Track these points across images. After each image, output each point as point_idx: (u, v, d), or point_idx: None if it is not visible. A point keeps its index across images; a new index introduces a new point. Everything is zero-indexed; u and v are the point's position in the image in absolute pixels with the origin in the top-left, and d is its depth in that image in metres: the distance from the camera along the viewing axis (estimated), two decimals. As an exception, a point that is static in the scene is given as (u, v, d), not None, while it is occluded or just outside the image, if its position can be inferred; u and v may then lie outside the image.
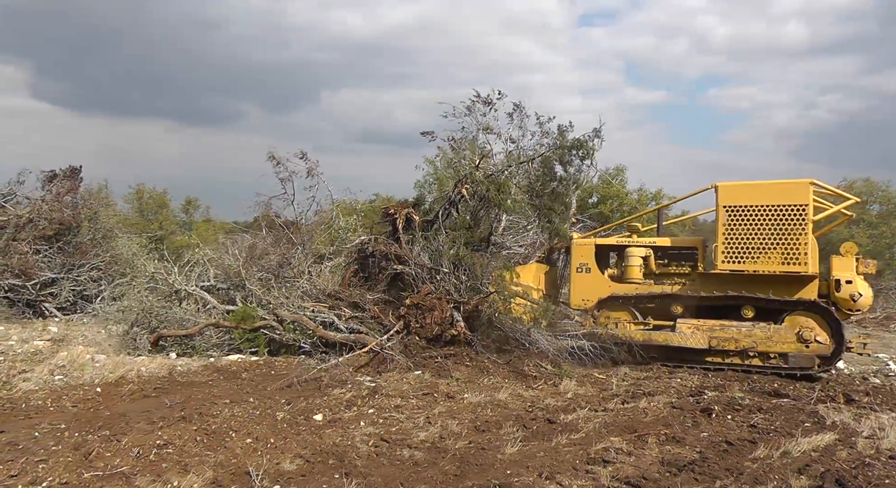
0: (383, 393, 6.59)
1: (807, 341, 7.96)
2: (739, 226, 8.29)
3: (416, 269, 9.21)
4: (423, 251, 9.55)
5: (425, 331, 8.22)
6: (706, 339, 8.31)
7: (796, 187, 8.16)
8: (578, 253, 9.62)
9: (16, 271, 11.90)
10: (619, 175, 23.54)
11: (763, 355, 8.20)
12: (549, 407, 6.38)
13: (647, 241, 9.38)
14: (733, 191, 8.42)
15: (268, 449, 4.93)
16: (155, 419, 5.60)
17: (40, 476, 4.37)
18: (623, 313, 9.12)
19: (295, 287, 9.40)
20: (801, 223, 8.02)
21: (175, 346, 8.46)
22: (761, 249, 8.17)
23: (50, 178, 13.91)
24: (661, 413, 6.20)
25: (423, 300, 8.41)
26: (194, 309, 9.09)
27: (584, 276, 9.47)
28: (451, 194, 10.39)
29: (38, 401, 6.21)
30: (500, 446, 5.12)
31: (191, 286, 9.19)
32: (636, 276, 9.08)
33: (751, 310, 8.34)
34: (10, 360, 7.84)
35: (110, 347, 8.52)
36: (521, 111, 12.14)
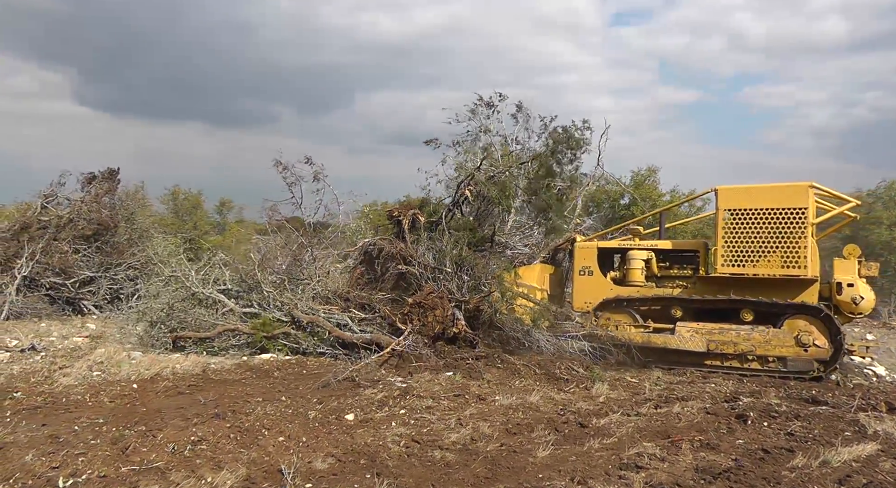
0: (414, 393, 6.58)
1: (805, 345, 7.93)
2: (739, 230, 8.30)
3: (420, 269, 9.33)
4: (427, 251, 9.69)
5: (427, 330, 8.35)
6: (704, 343, 8.38)
7: (796, 190, 8.13)
8: (581, 256, 9.70)
9: (56, 270, 12.21)
10: (651, 176, 23.29)
11: (761, 359, 8.23)
12: (580, 410, 6.30)
13: (649, 244, 9.43)
14: (733, 194, 8.44)
15: (300, 448, 4.96)
16: (189, 416, 5.68)
17: (80, 468, 4.46)
18: (624, 315, 9.14)
19: (306, 289, 9.54)
20: (800, 226, 8.01)
21: (195, 346, 8.57)
22: (761, 253, 8.17)
23: (89, 180, 14.23)
24: (695, 418, 6.07)
25: (426, 299, 8.51)
26: (213, 310, 9.20)
27: (586, 279, 9.54)
28: (455, 195, 10.60)
29: (77, 396, 6.35)
30: (531, 449, 5.07)
31: (208, 289, 9.30)
32: (638, 279, 9.19)
33: (750, 314, 8.32)
34: (51, 356, 8.04)
35: (131, 345, 8.67)
36: (525, 112, 12.30)
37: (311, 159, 11.56)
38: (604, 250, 9.71)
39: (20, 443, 4.95)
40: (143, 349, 8.47)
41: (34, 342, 8.59)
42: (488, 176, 10.67)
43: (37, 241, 12.32)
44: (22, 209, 13.85)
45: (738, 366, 8.27)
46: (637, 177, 23.34)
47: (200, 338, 8.53)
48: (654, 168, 23.82)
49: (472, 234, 10.35)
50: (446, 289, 8.92)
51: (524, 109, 12.42)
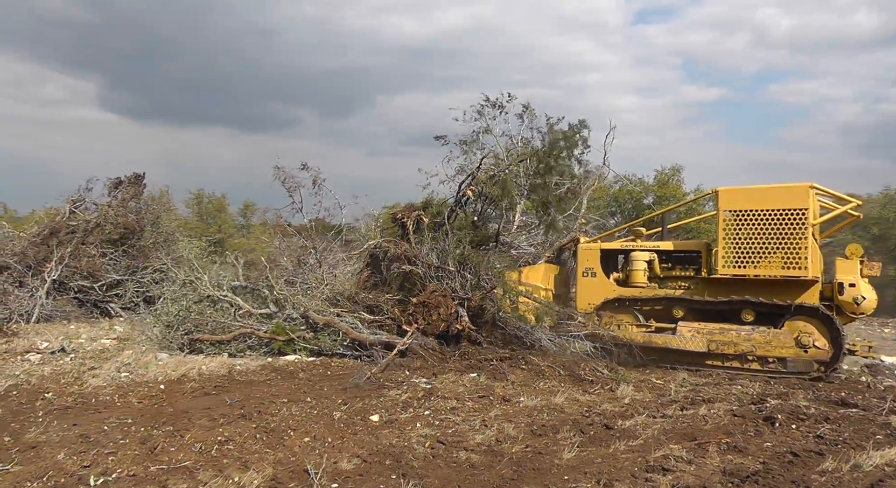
0: (439, 395, 6.58)
1: (805, 346, 7.91)
2: (740, 231, 8.30)
3: (424, 269, 9.41)
4: (431, 251, 9.75)
5: (432, 328, 8.46)
6: (705, 343, 8.32)
7: (796, 191, 8.12)
8: (584, 257, 9.74)
9: (84, 273, 12.40)
10: (674, 175, 23.12)
11: (762, 359, 8.14)
12: (606, 412, 6.25)
13: (651, 246, 9.42)
14: (733, 195, 8.46)
15: (325, 448, 4.98)
16: (216, 416, 5.74)
17: (110, 467, 4.52)
18: (626, 315, 9.15)
19: (314, 292, 9.66)
20: (800, 227, 7.99)
21: (212, 348, 8.62)
22: (762, 254, 8.16)
23: (115, 185, 14.45)
24: (722, 420, 5.97)
25: (429, 298, 8.65)
26: (229, 312, 9.28)
27: (589, 281, 9.59)
28: (457, 195, 10.70)
29: (106, 397, 6.45)
30: (557, 451, 5.03)
31: (222, 291, 9.37)
32: (640, 280, 9.15)
33: (750, 314, 8.32)
34: (81, 358, 8.16)
35: (156, 347, 8.75)
36: (532, 113, 12.34)
37: (306, 165, 12.09)
38: (607, 251, 9.74)
39: (52, 442, 5.05)
40: (164, 351, 8.55)
41: (64, 344, 8.73)
42: (489, 175, 10.73)
43: (65, 246, 12.53)
44: (51, 214, 14.07)
45: (739, 367, 8.26)
46: (661, 177, 23.19)
47: (217, 341, 8.60)
48: (678, 167, 23.68)
49: (474, 233, 10.43)
50: (450, 288, 9.00)
51: (530, 110, 12.51)
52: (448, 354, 8.24)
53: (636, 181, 23.89)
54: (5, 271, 11.80)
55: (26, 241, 12.95)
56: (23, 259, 12.26)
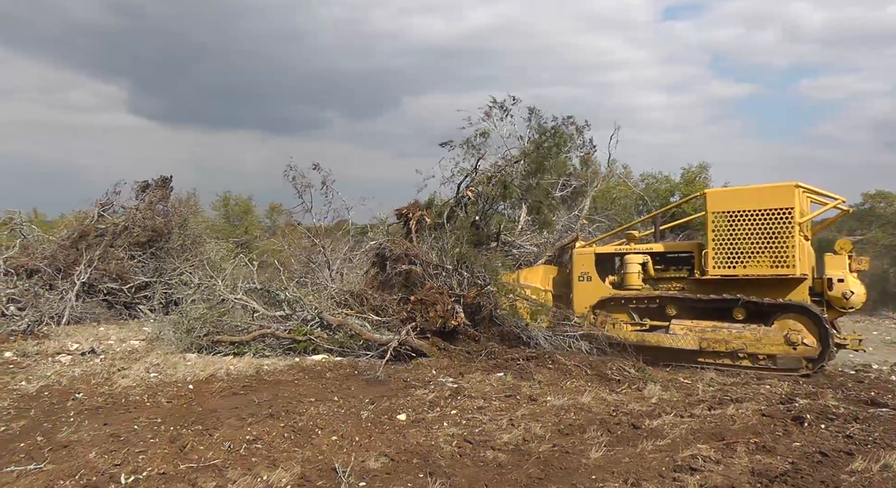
0: (466, 394, 6.55)
1: (794, 343, 8.02)
2: (728, 232, 8.44)
3: (423, 268, 9.63)
4: (431, 250, 9.98)
5: (429, 325, 8.64)
6: (697, 341, 8.45)
7: (781, 191, 8.25)
8: (579, 262, 9.95)
9: (113, 275, 12.57)
10: (701, 172, 22.88)
11: (752, 356, 8.25)
12: (633, 411, 6.17)
13: (645, 248, 9.57)
14: (721, 197, 8.68)
15: (353, 447, 4.98)
16: (244, 415, 5.77)
17: (140, 466, 4.57)
18: (622, 314, 9.32)
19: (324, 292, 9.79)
20: (787, 226, 8.12)
21: (232, 348, 8.69)
22: (750, 253, 8.30)
23: (143, 188, 14.63)
24: (750, 420, 5.87)
25: (427, 295, 8.85)
26: (247, 314, 9.35)
27: (585, 285, 9.79)
28: (457, 196, 11.04)
29: (136, 397, 6.52)
30: (584, 450, 4.98)
31: (237, 295, 9.46)
32: (635, 283, 9.30)
33: (741, 313, 8.41)
34: (110, 358, 8.27)
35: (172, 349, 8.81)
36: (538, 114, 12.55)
37: (318, 165, 12.52)
38: (601, 255, 9.90)
39: (84, 442, 5.11)
40: (188, 352, 8.63)
41: (94, 345, 8.85)
42: (486, 177, 11.03)
43: (94, 249, 12.70)
44: (80, 218, 14.25)
45: (730, 364, 8.36)
46: (687, 174, 22.97)
47: (235, 342, 8.67)
48: (705, 164, 23.43)
49: (475, 233, 10.66)
50: (447, 286, 9.19)
51: (536, 112, 12.76)
52: (474, 354, 8.24)
53: (662, 178, 23.70)
54: (36, 274, 11.99)
55: (56, 245, 13.16)
56: (53, 262, 12.45)
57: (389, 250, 10.11)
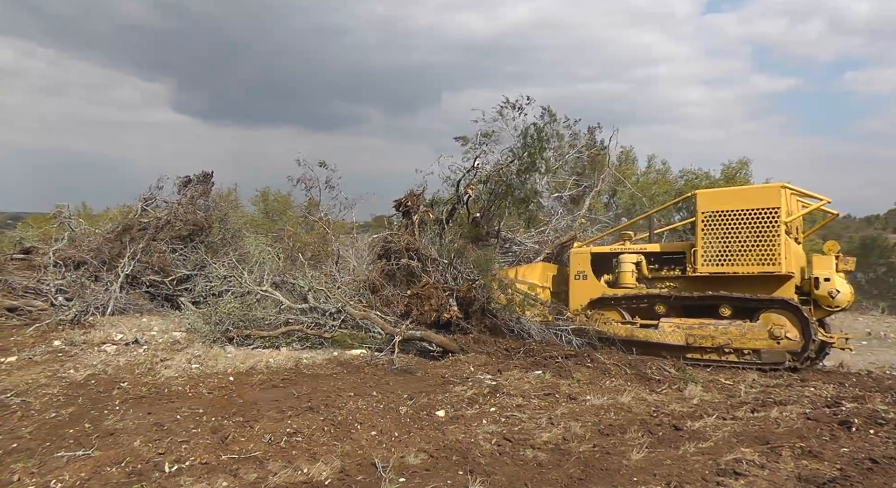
0: (504, 391, 6.51)
1: (777, 338, 8.29)
2: (717, 231, 8.77)
3: (421, 262, 9.91)
4: (431, 245, 10.24)
5: (424, 318, 8.93)
6: (684, 337, 8.73)
7: (768, 191, 8.60)
8: (575, 261, 10.34)
9: (155, 268, 12.78)
10: (742, 169, 22.44)
11: (738, 351, 8.50)
12: (674, 412, 6.05)
13: (638, 248, 9.93)
14: (710, 197, 8.98)
15: (392, 443, 4.98)
16: (284, 408, 5.82)
17: (183, 455, 4.64)
18: (613, 313, 9.65)
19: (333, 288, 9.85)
20: (774, 225, 8.42)
21: (259, 341, 8.78)
22: (738, 252, 8.61)
23: (185, 183, 14.83)
24: (795, 424, 5.70)
25: (422, 290, 9.16)
26: (272, 306, 9.41)
27: (581, 283, 10.17)
28: (457, 193, 11.38)
29: (178, 387, 6.62)
30: (625, 451, 4.89)
31: (263, 287, 9.52)
32: (629, 282, 9.64)
33: (728, 309, 8.71)
34: (153, 349, 8.40)
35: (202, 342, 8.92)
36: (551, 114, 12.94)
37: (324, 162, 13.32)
38: (597, 255, 10.24)
39: (129, 430, 5.21)
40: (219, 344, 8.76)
41: (137, 336, 9.01)
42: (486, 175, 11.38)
43: (137, 242, 12.91)
44: (124, 212, 14.49)
45: (717, 359, 8.57)
46: (728, 171, 22.53)
47: (262, 336, 8.75)
48: (746, 160, 22.96)
49: (475, 230, 11.07)
50: (442, 280, 9.46)
51: (550, 111, 12.94)
52: (512, 351, 8.22)
53: (702, 175, 23.27)
54: (83, 266, 12.25)
55: (101, 238, 13.41)
56: (98, 254, 12.71)
57: (392, 244, 10.38)
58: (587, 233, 13.68)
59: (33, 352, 8.02)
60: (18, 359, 7.68)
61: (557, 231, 13.64)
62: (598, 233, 13.68)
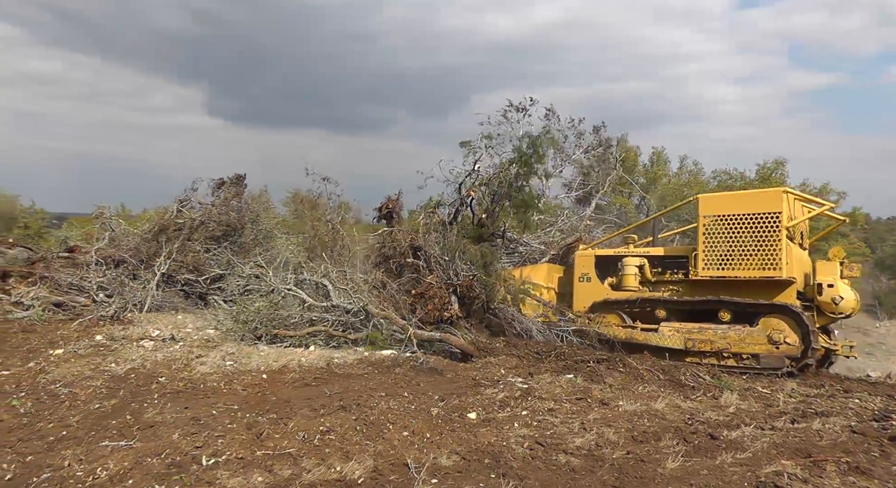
0: (536, 395, 6.48)
1: (777, 342, 8.26)
2: (718, 235, 8.78)
3: (425, 261, 10.09)
4: (435, 244, 10.42)
5: (427, 317, 9.06)
6: (682, 341, 8.74)
7: (769, 196, 8.58)
8: (580, 264, 10.45)
9: (190, 267, 13.03)
10: (777, 169, 22.05)
11: (737, 356, 8.48)
12: (710, 421, 5.94)
13: (643, 251, 10.04)
14: (712, 201, 9.02)
15: (424, 444, 4.99)
16: (316, 406, 5.87)
17: (219, 449, 4.71)
18: (614, 317, 9.65)
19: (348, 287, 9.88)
20: (775, 230, 8.39)
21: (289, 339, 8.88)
22: (739, 256, 8.61)
23: (219, 185, 15.09)
24: (839, 437, 5.52)
25: (426, 290, 9.30)
26: (296, 303, 9.52)
27: (585, 285, 10.27)
28: (461, 196, 11.66)
29: (213, 383, 6.72)
30: (659, 459, 4.83)
31: (287, 285, 9.62)
32: (632, 284, 9.71)
33: (727, 314, 8.70)
34: (189, 346, 8.55)
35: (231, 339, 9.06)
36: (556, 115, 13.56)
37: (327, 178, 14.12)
38: (601, 258, 10.33)
39: (167, 423, 5.32)
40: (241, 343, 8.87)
41: (173, 332, 9.19)
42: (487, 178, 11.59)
43: (173, 242, 13.17)
44: (160, 213, 14.77)
45: (716, 363, 8.52)
46: (762, 171, 22.16)
47: (289, 335, 8.85)
48: (782, 160, 22.57)
49: (480, 230, 11.24)
50: (444, 279, 9.66)
51: (554, 112, 13.59)
52: (543, 354, 8.23)
53: (736, 175, 22.93)
54: (122, 264, 12.55)
55: (139, 238, 13.74)
56: (136, 254, 13.01)
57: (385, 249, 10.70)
58: (593, 235, 13.77)
59: (77, 345, 8.23)
60: (65, 352, 7.89)
61: (563, 232, 13.85)
62: (606, 234, 14.01)
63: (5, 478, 4.20)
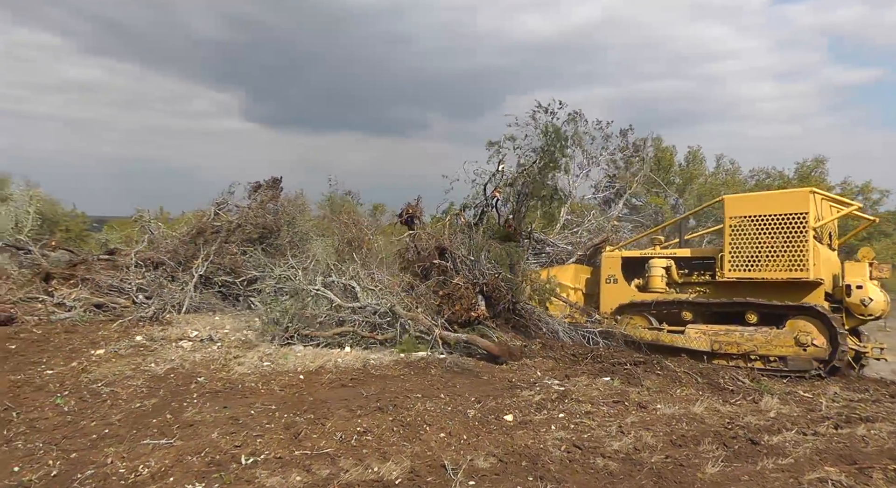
0: (573, 397, 6.42)
1: (804, 345, 8.17)
2: (744, 236, 8.71)
3: (451, 261, 10.19)
4: (461, 245, 10.48)
5: (455, 317, 9.10)
6: (709, 343, 8.69)
7: (796, 196, 8.53)
8: (606, 265, 10.43)
9: (227, 269, 13.24)
10: (817, 167, 21.62)
11: (763, 358, 8.41)
12: (750, 425, 5.81)
13: (669, 253, 9.95)
14: (738, 202, 8.97)
15: (461, 445, 4.97)
16: (353, 407, 5.90)
17: (258, 449, 4.77)
18: (641, 318, 9.62)
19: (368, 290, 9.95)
20: (801, 230, 8.30)
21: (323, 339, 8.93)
22: (765, 257, 8.54)
23: (255, 188, 15.32)
24: (886, 443, 5.35)
25: (453, 290, 9.35)
26: (322, 305, 9.55)
27: (612, 287, 10.26)
28: (486, 197, 11.82)
29: (251, 383, 6.81)
30: (699, 464, 4.74)
31: (316, 286, 9.68)
32: (658, 286, 9.66)
33: (754, 315, 8.64)
34: (226, 346, 8.68)
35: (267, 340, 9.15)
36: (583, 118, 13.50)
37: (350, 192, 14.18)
38: (627, 259, 10.30)
39: (206, 422, 5.40)
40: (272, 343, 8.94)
41: (211, 333, 9.34)
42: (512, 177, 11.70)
43: (211, 244, 13.40)
44: (198, 216, 15.01)
45: (744, 365, 8.46)
46: (802, 170, 21.74)
47: (320, 336, 8.93)
48: (822, 158, 22.14)
49: (500, 230, 11.34)
50: (471, 279, 9.67)
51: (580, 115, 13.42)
52: (580, 356, 8.17)
53: (775, 174, 22.53)
54: (161, 267, 12.81)
55: (178, 240, 14.00)
56: (175, 256, 13.27)
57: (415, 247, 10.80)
58: (620, 235, 13.73)
59: (118, 345, 8.42)
60: (106, 352, 8.08)
61: (590, 232, 13.86)
62: (634, 234, 14.05)
63: (51, 475, 4.31)
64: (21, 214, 15.68)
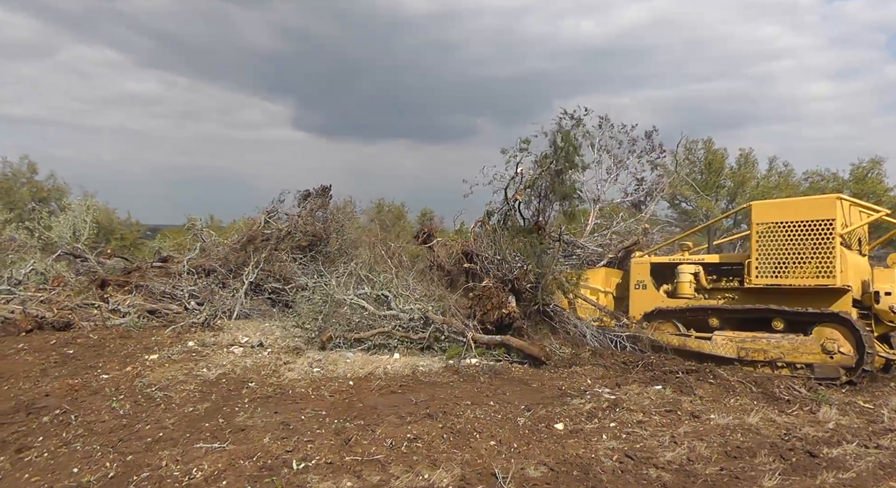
0: (624, 406, 6.30)
1: (830, 352, 8.03)
2: (771, 242, 8.66)
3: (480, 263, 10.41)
4: (488, 248, 10.64)
5: (487, 317, 9.19)
6: (735, 349, 8.57)
7: (823, 202, 8.47)
8: (636, 271, 10.43)
9: (277, 276, 13.48)
10: (874, 168, 20.88)
11: (790, 365, 8.29)
12: (807, 437, 5.61)
13: (698, 259, 9.92)
14: (765, 209, 8.91)
15: (511, 454, 4.94)
16: (403, 413, 5.92)
17: (309, 454, 4.82)
18: (670, 324, 9.55)
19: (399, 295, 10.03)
20: (828, 237, 8.23)
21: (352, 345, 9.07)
22: (792, 263, 8.48)
23: (304, 197, 15.54)
24: (955, 458, 5.14)
25: (484, 291, 9.49)
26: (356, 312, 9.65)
27: (641, 292, 10.23)
28: (509, 201, 12.04)
29: (301, 389, 6.89)
30: (755, 477, 4.60)
31: (349, 295, 9.76)
32: (687, 292, 9.65)
33: (780, 322, 8.54)
34: (276, 352, 8.83)
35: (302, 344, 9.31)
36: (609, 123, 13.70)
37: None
38: (656, 265, 10.28)
39: (258, 427, 5.49)
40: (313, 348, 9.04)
41: (261, 339, 9.52)
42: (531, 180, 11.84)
43: (261, 251, 13.64)
44: (249, 224, 15.31)
45: (770, 373, 8.29)
46: (858, 171, 21.01)
47: (357, 339, 9.05)
48: (879, 159, 21.37)
49: (535, 233, 11.37)
50: (500, 278, 9.80)
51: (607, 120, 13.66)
52: (630, 364, 8.07)
53: (829, 176, 21.82)
54: (212, 274, 13.10)
55: (228, 248, 14.30)
56: (225, 263, 13.55)
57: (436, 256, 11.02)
58: (651, 238, 13.60)
59: (171, 351, 8.64)
60: (159, 357, 8.30)
61: (619, 234, 13.87)
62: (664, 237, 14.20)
63: (108, 476, 4.45)
64: (78, 223, 16.24)
